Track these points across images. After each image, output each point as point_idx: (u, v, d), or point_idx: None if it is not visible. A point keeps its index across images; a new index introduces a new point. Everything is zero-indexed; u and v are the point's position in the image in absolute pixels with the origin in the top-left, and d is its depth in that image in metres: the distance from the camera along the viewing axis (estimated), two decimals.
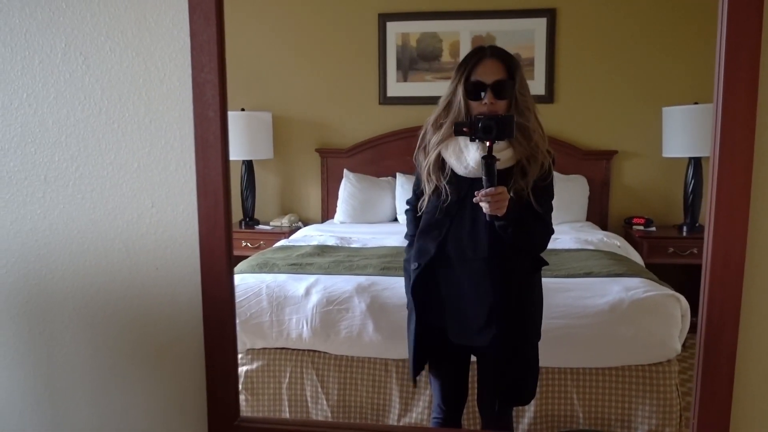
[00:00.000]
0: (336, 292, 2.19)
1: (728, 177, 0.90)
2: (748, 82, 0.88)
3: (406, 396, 2.13)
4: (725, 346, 0.93)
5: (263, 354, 2.21)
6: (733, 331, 0.92)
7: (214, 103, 1.07)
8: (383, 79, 3.23)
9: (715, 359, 0.95)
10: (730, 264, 0.92)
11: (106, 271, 1.18)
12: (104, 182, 1.16)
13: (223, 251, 1.10)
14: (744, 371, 0.99)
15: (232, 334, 1.14)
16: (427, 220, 1.65)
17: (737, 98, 0.88)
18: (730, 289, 0.92)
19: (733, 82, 0.88)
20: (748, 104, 0.88)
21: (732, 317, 0.92)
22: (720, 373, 0.95)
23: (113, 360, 1.21)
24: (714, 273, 0.92)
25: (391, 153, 3.09)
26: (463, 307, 1.67)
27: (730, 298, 0.93)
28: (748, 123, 0.88)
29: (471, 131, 1.46)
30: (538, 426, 2.07)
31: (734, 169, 0.90)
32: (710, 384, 0.95)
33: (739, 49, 0.88)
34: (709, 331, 0.94)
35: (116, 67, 1.12)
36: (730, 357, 0.93)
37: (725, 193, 0.90)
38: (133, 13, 1.11)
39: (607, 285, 2.16)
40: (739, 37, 0.87)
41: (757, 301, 0.98)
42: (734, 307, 0.93)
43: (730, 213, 0.90)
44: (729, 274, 0.92)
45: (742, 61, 0.88)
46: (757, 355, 0.99)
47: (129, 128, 1.14)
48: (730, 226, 0.91)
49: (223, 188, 1.09)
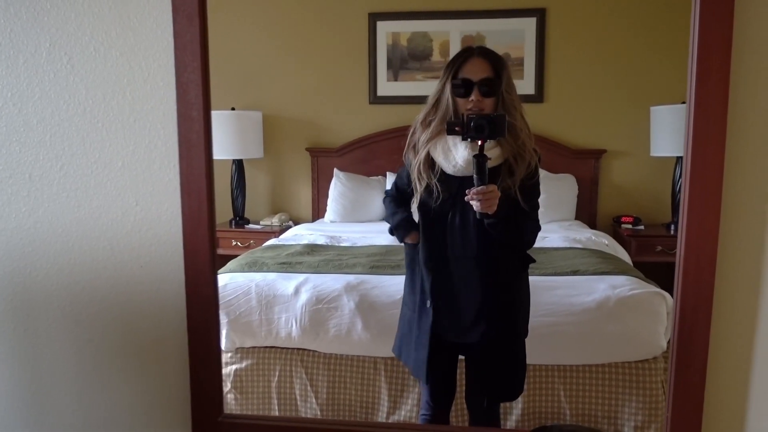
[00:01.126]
0: (325, 290, 2.20)
1: (700, 176, 0.92)
2: (719, 84, 0.89)
3: (395, 394, 2.15)
4: (698, 341, 0.95)
5: (252, 353, 2.21)
6: (705, 327, 0.94)
7: (198, 103, 1.08)
8: (373, 78, 3.24)
9: (688, 354, 0.96)
10: (703, 261, 0.93)
11: (90, 269, 1.19)
12: (89, 181, 1.17)
13: (206, 249, 1.11)
14: (716, 366, 1.01)
15: (216, 331, 1.15)
16: (425, 219, 1.67)
17: (709, 100, 0.90)
18: (703, 286, 0.94)
19: (705, 83, 0.90)
20: (720, 105, 0.90)
21: (704, 313, 0.94)
22: (693, 368, 0.97)
23: (98, 357, 1.22)
24: (687, 270, 0.94)
25: (381, 152, 3.11)
26: (452, 305, 1.69)
27: (703, 294, 0.94)
28: (720, 124, 0.90)
29: (463, 130, 1.47)
30: (526, 422, 2.09)
31: (706, 168, 0.91)
32: (683, 378, 0.97)
33: (711, 52, 0.89)
34: (683, 326, 0.95)
35: (100, 67, 1.13)
36: (702, 351, 0.95)
37: (697, 192, 0.92)
38: (117, 14, 1.12)
39: (594, 283, 2.18)
40: (711, 40, 0.89)
41: (729, 296, 1.00)
42: (706, 303, 0.94)
43: (702, 211, 0.92)
44: (701, 271, 0.94)
45: (714, 64, 0.90)
46: (728, 349, 1.01)
47: (113, 127, 1.15)
48: (702, 225, 0.92)
49: (207, 187, 1.10)
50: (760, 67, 0.96)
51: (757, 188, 0.98)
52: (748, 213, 0.99)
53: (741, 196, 0.98)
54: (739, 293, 1.00)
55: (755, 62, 0.96)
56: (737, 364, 1.02)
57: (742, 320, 1.01)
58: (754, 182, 0.98)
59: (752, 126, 0.97)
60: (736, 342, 1.01)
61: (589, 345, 2.08)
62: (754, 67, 0.96)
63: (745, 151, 0.97)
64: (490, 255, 1.63)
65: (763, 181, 0.98)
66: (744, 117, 0.97)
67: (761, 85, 0.96)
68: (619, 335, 2.06)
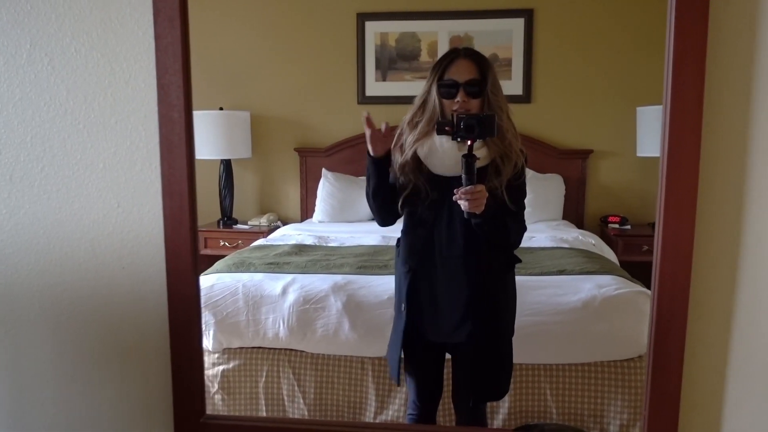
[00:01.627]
0: (312, 291, 2.21)
1: (676, 177, 0.93)
2: (694, 86, 0.90)
3: (382, 393, 2.15)
4: (674, 341, 0.96)
5: (239, 353, 2.21)
6: (681, 327, 0.95)
7: (179, 105, 1.08)
8: (362, 78, 3.24)
9: (665, 353, 0.97)
10: (679, 262, 0.95)
11: (72, 271, 1.18)
12: (70, 182, 1.16)
13: (188, 250, 1.11)
14: (692, 366, 1.02)
15: (198, 332, 1.15)
16: (410, 218, 1.67)
17: (684, 101, 0.91)
18: (679, 286, 0.95)
19: (680, 85, 0.91)
20: (695, 106, 0.91)
21: (680, 313, 0.95)
22: (669, 368, 0.98)
23: (79, 359, 1.22)
24: (663, 270, 0.95)
25: None
26: (439, 305, 1.69)
27: (679, 295, 0.95)
28: (695, 125, 0.91)
29: (453, 130, 1.48)
30: (513, 421, 2.10)
31: (682, 169, 0.93)
32: (660, 378, 0.98)
33: (686, 54, 0.90)
34: (659, 326, 0.96)
35: (81, 68, 1.13)
36: (678, 351, 0.96)
37: (673, 193, 0.93)
38: (98, 15, 1.11)
39: (580, 282, 2.19)
40: (686, 42, 0.90)
41: (705, 296, 1.01)
42: (683, 304, 0.96)
43: (678, 212, 0.93)
44: (677, 272, 0.95)
45: (689, 66, 0.91)
46: (704, 349, 1.02)
47: (94, 129, 1.14)
48: (678, 225, 0.93)
49: (188, 189, 1.10)
50: (734, 69, 0.97)
51: (732, 189, 0.99)
52: (724, 213, 1.00)
53: (716, 197, 1.00)
54: (715, 293, 1.02)
55: (730, 64, 0.97)
56: (713, 363, 1.03)
57: (718, 320, 1.02)
58: (729, 183, 0.99)
59: (727, 127, 0.98)
60: (712, 342, 1.02)
61: (575, 344, 2.09)
62: (728, 69, 0.97)
63: (720, 152, 0.98)
64: (477, 255, 1.64)
65: (738, 181, 1.00)
66: (719, 118, 0.98)
67: (735, 86, 0.98)
68: (605, 334, 2.08)
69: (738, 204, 1.00)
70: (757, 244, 1.01)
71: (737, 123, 0.98)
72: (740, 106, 0.98)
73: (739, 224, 1.00)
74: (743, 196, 1.00)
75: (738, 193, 0.99)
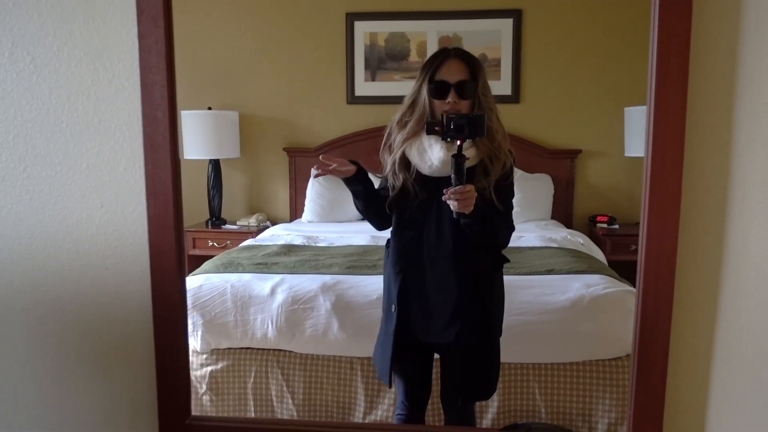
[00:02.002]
0: (301, 291, 2.20)
1: (660, 176, 0.93)
2: (677, 87, 0.91)
3: (371, 394, 2.15)
4: (659, 337, 0.96)
5: (228, 354, 2.20)
6: (666, 326, 0.95)
7: (163, 104, 1.07)
8: (351, 78, 3.25)
9: (649, 352, 0.98)
10: (663, 260, 0.95)
11: (55, 272, 1.17)
12: (52, 182, 1.15)
13: (173, 251, 1.11)
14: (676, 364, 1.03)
15: (184, 333, 1.14)
16: (399, 219, 1.67)
17: (668, 101, 0.91)
18: (663, 284, 0.95)
19: (664, 85, 0.91)
20: (678, 107, 0.91)
21: (665, 313, 0.96)
22: (654, 367, 0.98)
23: (63, 360, 1.21)
24: (648, 268, 0.95)
25: (359, 152, 3.07)
26: (429, 305, 1.69)
27: (663, 292, 0.96)
28: (679, 125, 0.92)
29: (443, 130, 1.48)
30: (501, 421, 2.10)
31: (665, 168, 0.93)
32: (645, 377, 0.98)
33: (670, 55, 0.91)
34: (644, 325, 0.97)
35: (64, 67, 1.12)
36: (663, 350, 0.97)
37: (657, 192, 0.93)
38: (81, 14, 1.10)
39: (568, 282, 2.20)
40: (669, 42, 0.90)
41: (689, 294, 1.02)
42: (667, 303, 0.96)
43: (662, 211, 0.93)
44: (662, 271, 0.95)
45: (672, 66, 0.91)
46: (688, 348, 1.03)
47: (77, 128, 1.13)
48: (662, 225, 0.94)
49: (173, 189, 1.09)
50: (717, 70, 0.98)
51: (715, 188, 1.00)
52: (708, 213, 1.01)
53: (700, 196, 1.00)
54: (699, 293, 1.02)
55: (713, 64, 0.98)
56: (697, 362, 1.04)
57: (702, 319, 1.03)
58: (712, 182, 1.00)
59: (710, 127, 0.99)
60: (696, 341, 1.02)
61: (563, 343, 2.10)
62: (711, 69, 0.98)
63: (703, 152, 0.99)
64: (465, 255, 1.64)
65: (722, 180, 1.00)
66: (702, 118, 0.99)
67: (719, 86, 0.98)
68: (593, 333, 2.09)
69: (721, 203, 1.00)
70: (740, 244, 1.01)
71: (720, 123, 0.98)
72: (723, 105, 0.98)
73: (723, 224, 1.00)
74: (726, 195, 1.00)
75: (721, 192, 1.00)
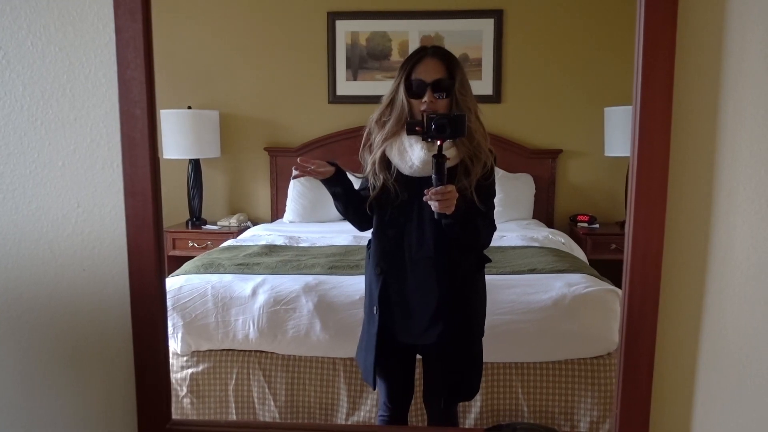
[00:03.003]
0: (283, 291, 2.18)
1: (646, 176, 0.94)
2: (663, 88, 0.91)
3: (354, 394, 2.14)
4: (645, 337, 0.96)
5: (209, 356, 2.17)
6: (652, 325, 0.96)
7: (141, 101, 1.05)
8: (333, 77, 3.23)
9: (636, 351, 0.98)
10: (649, 260, 0.95)
11: (30, 273, 1.14)
12: (27, 181, 1.12)
13: (152, 251, 1.08)
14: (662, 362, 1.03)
15: (163, 335, 1.12)
16: (379, 220, 1.66)
17: (654, 101, 0.91)
18: (649, 284, 0.96)
19: (649, 88, 0.92)
20: (664, 107, 0.92)
21: (651, 311, 0.96)
22: (640, 365, 0.98)
23: (39, 364, 1.18)
24: (634, 268, 0.95)
25: (340, 152, 3.08)
26: (410, 306, 1.68)
27: (649, 293, 0.96)
28: (665, 125, 0.92)
29: (424, 130, 1.47)
30: (485, 419, 2.10)
31: (652, 168, 0.93)
32: (631, 375, 0.99)
33: (656, 55, 0.91)
34: (630, 325, 0.97)
35: (38, 63, 1.09)
36: (649, 348, 0.97)
37: (643, 192, 0.94)
38: (55, 7, 1.08)
39: (550, 281, 2.21)
40: (655, 42, 0.90)
41: (675, 294, 1.02)
42: (653, 301, 0.96)
43: (648, 212, 0.94)
44: (648, 270, 0.95)
45: (658, 67, 0.92)
46: (674, 345, 1.03)
47: (53, 126, 1.10)
48: (648, 225, 0.94)
49: (152, 187, 1.07)
50: (703, 70, 0.99)
51: (700, 188, 1.01)
52: (693, 213, 1.02)
53: (686, 197, 1.01)
54: (685, 292, 1.03)
55: (698, 64, 0.99)
56: (683, 361, 1.05)
57: (688, 318, 1.03)
58: (697, 182, 1.01)
59: (696, 127, 0.99)
60: (682, 340, 1.03)
61: (546, 342, 2.11)
62: (696, 70, 0.98)
63: (689, 152, 1.00)
64: (447, 256, 1.63)
65: (707, 180, 1.01)
66: (688, 118, 0.99)
67: (704, 86, 0.99)
68: (575, 332, 2.10)
69: (707, 204, 1.01)
70: (725, 244, 1.02)
71: (706, 123, 0.99)
72: (708, 106, 0.99)
73: (708, 224, 1.01)
74: (712, 195, 1.01)
75: (707, 192, 1.01)
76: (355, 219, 1.71)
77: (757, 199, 1.01)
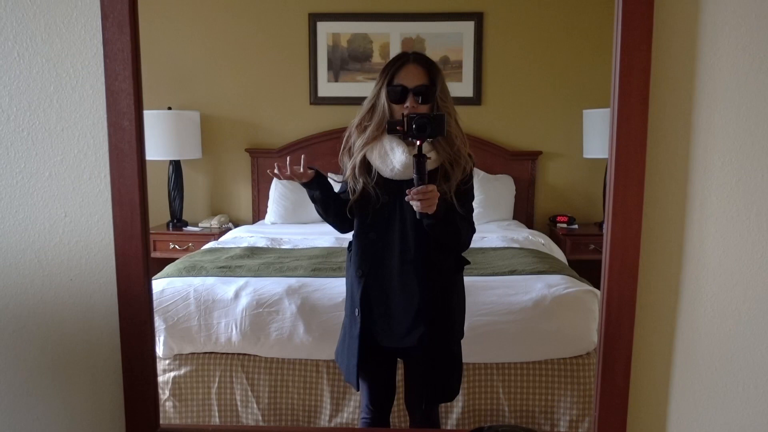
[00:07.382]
0: (266, 294, 2.18)
1: (623, 180, 0.97)
2: (639, 98, 0.94)
3: (337, 397, 2.15)
4: (622, 340, 1.00)
5: (191, 359, 2.17)
6: (629, 327, 0.99)
7: (129, 112, 1.06)
8: (314, 79, 3.22)
9: (613, 353, 1.01)
10: (626, 264, 0.99)
11: (17, 283, 1.14)
12: (13, 191, 1.12)
13: (139, 260, 1.09)
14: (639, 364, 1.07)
15: (151, 344, 1.13)
16: (360, 223, 1.67)
17: (630, 106, 0.95)
18: (626, 288, 0.99)
19: (626, 89, 0.95)
20: (640, 112, 0.95)
21: (628, 315, 0.99)
22: (618, 367, 1.02)
23: (27, 374, 1.17)
24: (612, 272, 0.99)
25: (322, 153, 3.07)
26: (391, 309, 1.70)
27: (627, 296, 1.00)
28: (641, 130, 0.95)
29: (404, 130, 1.49)
30: (467, 420, 2.13)
31: (629, 173, 0.97)
32: (609, 377, 1.02)
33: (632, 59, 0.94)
34: (608, 326, 1.00)
35: (25, 74, 1.09)
36: (626, 351, 1.00)
37: (621, 196, 0.97)
38: (42, 19, 1.07)
39: (530, 282, 2.24)
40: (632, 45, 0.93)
41: (650, 297, 1.06)
42: (630, 304, 1.00)
43: (625, 217, 0.97)
44: (625, 274, 0.99)
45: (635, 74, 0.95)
46: (650, 347, 1.07)
47: (39, 136, 1.10)
48: (625, 229, 0.97)
49: (140, 198, 1.08)
50: (678, 75, 1.02)
51: (675, 195, 1.05)
52: (668, 219, 1.05)
53: (661, 203, 1.04)
54: (660, 295, 1.07)
55: (674, 70, 1.02)
56: (659, 362, 1.08)
57: (663, 320, 1.07)
58: (673, 185, 1.04)
59: (671, 132, 1.03)
60: (658, 342, 1.07)
61: (526, 343, 2.14)
62: (672, 75, 1.02)
63: (663, 163, 1.03)
64: (427, 258, 1.65)
65: (682, 184, 1.05)
66: (663, 124, 1.03)
67: (679, 92, 1.03)
68: (555, 332, 2.13)
69: (681, 210, 1.05)
70: (698, 249, 1.06)
71: (681, 126, 1.03)
72: (682, 117, 1.03)
73: (682, 230, 1.05)
74: (686, 202, 1.05)
75: (681, 199, 1.05)
76: (335, 222, 1.72)
77: (729, 208, 1.05)
